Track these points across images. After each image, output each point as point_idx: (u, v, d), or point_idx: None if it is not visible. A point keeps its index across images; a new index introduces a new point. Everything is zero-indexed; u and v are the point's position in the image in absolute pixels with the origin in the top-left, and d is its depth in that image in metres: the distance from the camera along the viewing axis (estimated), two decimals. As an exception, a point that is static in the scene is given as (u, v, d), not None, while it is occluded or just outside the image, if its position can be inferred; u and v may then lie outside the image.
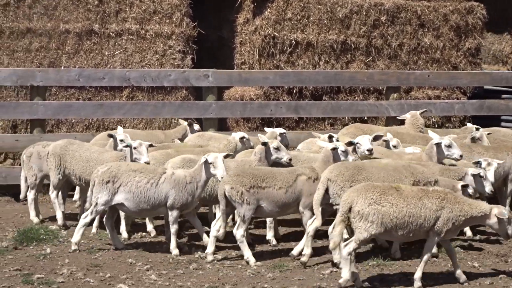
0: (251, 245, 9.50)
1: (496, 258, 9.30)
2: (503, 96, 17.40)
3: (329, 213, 9.17)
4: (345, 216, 7.96)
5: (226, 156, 9.42)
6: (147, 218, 10.55)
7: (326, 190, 8.86)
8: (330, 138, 10.56)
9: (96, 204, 9.35)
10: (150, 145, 10.32)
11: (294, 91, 14.61)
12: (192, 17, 14.34)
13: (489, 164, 9.76)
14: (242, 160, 10.12)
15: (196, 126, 12.59)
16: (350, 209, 7.94)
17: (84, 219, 9.44)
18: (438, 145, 9.79)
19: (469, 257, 9.33)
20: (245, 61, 14.61)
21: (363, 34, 14.88)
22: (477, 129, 12.08)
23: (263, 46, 14.39)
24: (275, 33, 14.39)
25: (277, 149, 9.95)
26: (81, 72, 12.99)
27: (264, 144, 9.95)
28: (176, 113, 13.39)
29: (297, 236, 9.97)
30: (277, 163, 9.92)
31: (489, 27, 16.91)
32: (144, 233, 10.47)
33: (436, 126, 15.04)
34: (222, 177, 9.11)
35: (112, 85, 13.55)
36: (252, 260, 9.01)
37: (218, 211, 9.76)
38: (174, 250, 9.37)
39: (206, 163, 9.26)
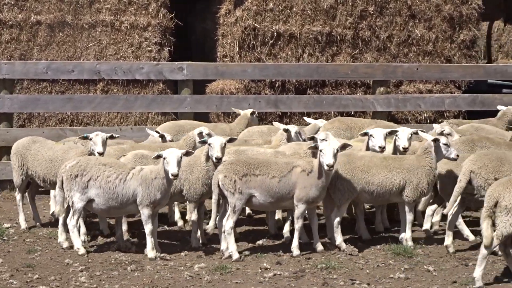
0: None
1: (456, 262, 8.64)
2: (504, 90, 16.73)
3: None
4: (491, 211, 7.66)
5: (186, 154, 8.90)
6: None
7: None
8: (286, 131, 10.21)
9: (73, 203, 8.89)
10: (111, 137, 9.81)
11: (277, 84, 14.05)
12: (170, 8, 13.87)
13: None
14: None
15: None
16: (496, 204, 7.64)
17: (70, 222, 8.93)
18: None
19: (428, 260, 8.68)
20: (226, 53, 14.08)
21: (350, 25, 14.25)
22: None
23: (243, 38, 13.84)
24: (255, 25, 13.84)
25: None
26: (49, 64, 12.57)
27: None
28: (149, 107, 12.93)
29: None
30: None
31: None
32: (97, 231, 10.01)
33: (428, 121, 14.34)
34: (172, 174, 8.62)
35: (84, 78, 13.14)
36: (236, 255, 8.65)
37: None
38: (150, 253, 8.80)
39: (162, 158, 8.77)
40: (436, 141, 9.08)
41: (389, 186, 9.11)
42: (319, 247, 9.08)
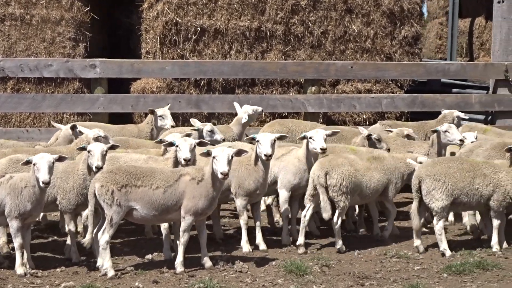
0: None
1: (352, 281, 7.73)
2: (454, 90, 15.85)
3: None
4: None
5: (59, 159, 7.96)
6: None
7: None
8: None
9: None
10: None
11: (202, 83, 13.12)
12: (86, 1, 12.95)
13: None
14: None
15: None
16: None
17: None
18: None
19: (321, 279, 7.77)
20: (149, 50, 13.14)
21: (280, 20, 13.31)
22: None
23: (164, 33, 12.91)
24: (177, 19, 12.90)
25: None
26: None
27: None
28: (58, 107, 12.03)
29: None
30: None
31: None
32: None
33: (367, 123, 13.43)
34: (43, 182, 7.71)
35: (-11, 76, 12.18)
36: (111, 272, 7.85)
37: None
38: (19, 269, 7.93)
39: (32, 164, 7.86)
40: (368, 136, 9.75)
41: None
42: (207, 263, 8.20)
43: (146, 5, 13.19)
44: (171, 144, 8.49)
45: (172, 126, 10.91)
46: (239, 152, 8.08)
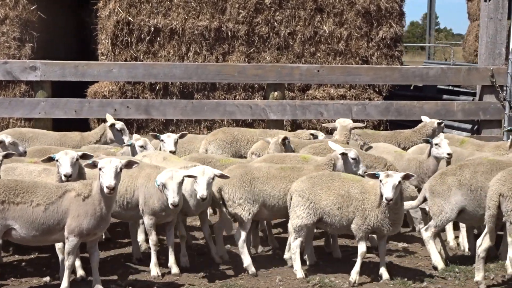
0: None
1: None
2: (444, 97, 14.66)
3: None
4: None
5: None
6: None
7: None
8: None
9: None
10: None
11: (157, 87, 12.21)
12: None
13: None
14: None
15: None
16: None
17: None
18: None
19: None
20: (103, 51, 12.29)
21: (243, 20, 12.34)
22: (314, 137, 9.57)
23: (116, 33, 12.08)
24: (129, 18, 12.03)
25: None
26: None
27: None
28: (-7, 112, 11.25)
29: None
30: None
31: None
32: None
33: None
34: None
35: None
36: None
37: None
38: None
39: None
40: (343, 155, 8.21)
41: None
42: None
43: (101, 3, 12.37)
44: (51, 158, 7.56)
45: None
46: (129, 164, 7.13)
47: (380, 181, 7.22)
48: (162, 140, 9.39)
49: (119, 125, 10.21)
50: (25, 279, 7.87)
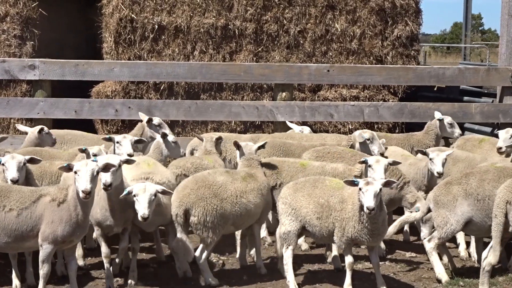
0: None
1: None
2: (465, 98, 14.02)
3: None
4: None
5: None
6: None
7: None
8: None
9: None
10: None
11: (162, 87, 11.80)
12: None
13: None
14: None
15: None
16: None
17: None
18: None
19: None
20: (107, 50, 11.91)
21: (251, 17, 11.85)
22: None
23: (119, 31, 11.69)
24: (133, 15, 11.62)
25: None
26: None
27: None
28: (-7, 112, 10.92)
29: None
30: None
31: None
32: None
33: (352, 134, 11.78)
34: None
35: None
36: None
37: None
38: None
39: None
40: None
41: None
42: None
43: (105, 0, 11.98)
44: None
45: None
46: (106, 167, 6.71)
47: (360, 189, 6.70)
48: (117, 142, 8.76)
49: (156, 120, 9.87)
50: None
